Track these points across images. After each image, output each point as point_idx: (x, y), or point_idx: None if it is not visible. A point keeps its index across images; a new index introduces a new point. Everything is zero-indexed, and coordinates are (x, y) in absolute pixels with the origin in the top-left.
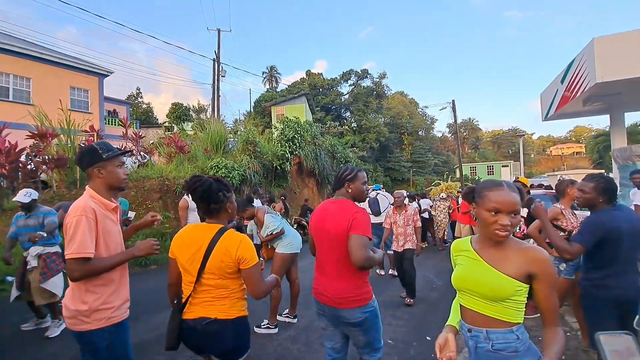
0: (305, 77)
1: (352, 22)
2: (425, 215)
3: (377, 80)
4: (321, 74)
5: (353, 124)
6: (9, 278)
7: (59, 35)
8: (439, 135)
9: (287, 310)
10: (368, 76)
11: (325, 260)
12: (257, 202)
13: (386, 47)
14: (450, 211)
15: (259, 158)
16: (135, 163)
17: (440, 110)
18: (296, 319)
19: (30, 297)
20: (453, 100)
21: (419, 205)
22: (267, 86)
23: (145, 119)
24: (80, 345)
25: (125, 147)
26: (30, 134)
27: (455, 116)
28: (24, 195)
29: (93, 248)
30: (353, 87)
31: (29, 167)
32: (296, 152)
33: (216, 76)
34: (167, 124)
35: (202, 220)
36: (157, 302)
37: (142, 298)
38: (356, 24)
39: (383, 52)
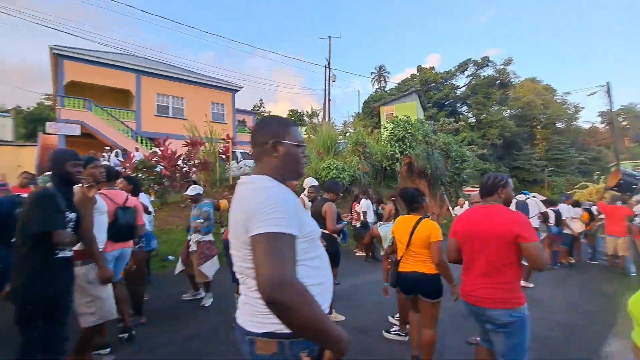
0: (415, 73)
1: (468, 8)
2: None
3: (501, 67)
4: (433, 68)
5: (471, 119)
6: (170, 257)
7: (199, 59)
8: (587, 126)
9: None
10: (489, 64)
11: (475, 263)
12: (366, 203)
13: (512, 30)
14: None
15: (368, 159)
16: None
17: (588, 95)
18: (407, 337)
19: (191, 271)
20: (607, 83)
21: (557, 214)
22: (376, 86)
23: None
24: None
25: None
26: (185, 143)
27: (610, 102)
28: (191, 190)
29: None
30: (471, 78)
31: (184, 169)
32: (406, 152)
33: (327, 81)
34: None
35: (407, 213)
36: None
37: None
38: (474, 10)
39: (509, 35)
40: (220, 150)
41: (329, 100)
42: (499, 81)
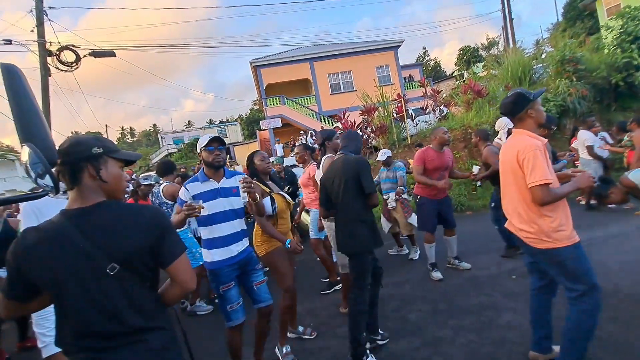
0: None
1: None
2: None
3: None
4: None
5: None
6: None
7: (359, 27)
8: None
9: None
10: None
11: None
12: (588, 135)
13: None
14: None
15: (584, 78)
16: (436, 118)
17: None
18: None
19: (394, 229)
20: None
21: None
22: None
23: (435, 74)
24: (537, 259)
25: (426, 104)
26: (361, 112)
27: None
28: (381, 154)
29: (550, 175)
30: None
31: (364, 137)
32: None
33: None
34: (456, 73)
35: None
36: (479, 245)
37: (465, 240)
38: None
39: None
40: (394, 112)
41: (511, 19)
42: None
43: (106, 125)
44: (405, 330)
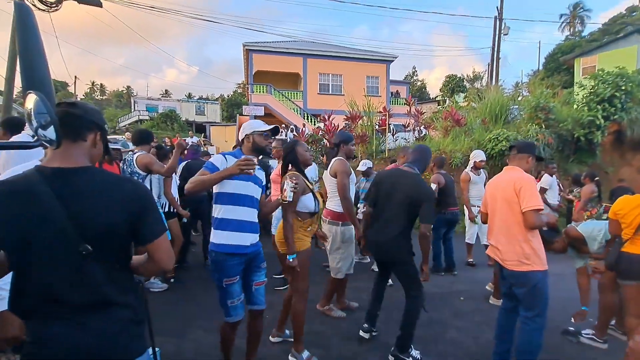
0: (637, 4)
1: None
2: None
3: None
4: None
5: None
6: None
7: (356, 34)
8: None
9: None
10: None
11: None
12: (549, 179)
13: None
14: None
15: (552, 127)
16: (415, 137)
17: None
18: (605, 344)
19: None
20: None
21: None
22: (567, 33)
23: (420, 95)
24: (513, 281)
25: (408, 122)
26: (346, 118)
27: None
28: (362, 165)
29: (542, 204)
30: None
31: None
32: (615, 117)
33: (497, 36)
34: (439, 98)
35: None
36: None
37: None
38: None
39: None
40: (377, 124)
41: (498, 58)
42: None
43: (75, 77)
44: (357, 334)
